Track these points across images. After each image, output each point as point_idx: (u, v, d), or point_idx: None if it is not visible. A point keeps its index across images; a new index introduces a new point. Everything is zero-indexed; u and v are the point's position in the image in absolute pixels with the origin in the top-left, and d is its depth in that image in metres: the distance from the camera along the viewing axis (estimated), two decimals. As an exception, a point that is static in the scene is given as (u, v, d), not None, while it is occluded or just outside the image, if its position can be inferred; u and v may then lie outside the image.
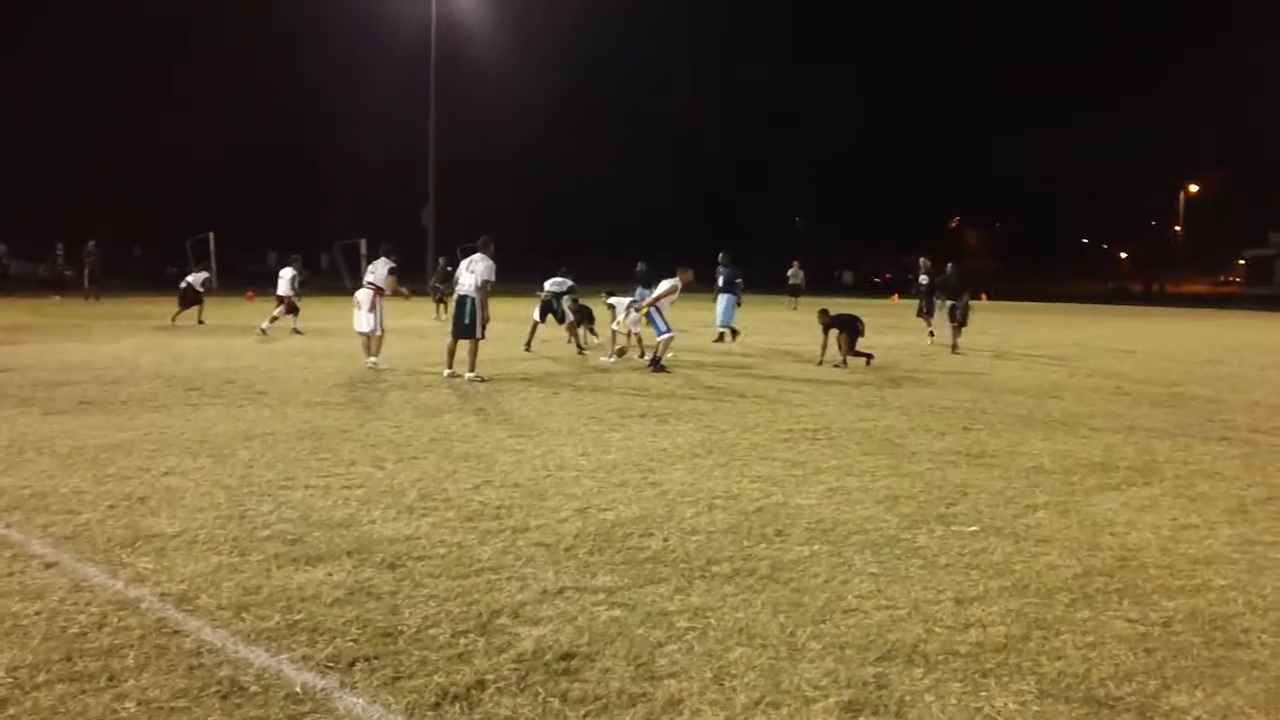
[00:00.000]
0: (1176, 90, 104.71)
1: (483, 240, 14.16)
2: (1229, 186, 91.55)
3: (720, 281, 23.11)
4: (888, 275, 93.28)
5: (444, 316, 25.90)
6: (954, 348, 20.24)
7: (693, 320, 24.83)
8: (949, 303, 20.62)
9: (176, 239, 45.35)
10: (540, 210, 79.67)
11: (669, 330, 15.91)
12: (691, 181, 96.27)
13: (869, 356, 16.86)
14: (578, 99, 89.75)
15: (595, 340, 19.68)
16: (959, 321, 20.48)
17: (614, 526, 6.39)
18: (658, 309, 15.89)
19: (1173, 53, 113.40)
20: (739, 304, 23.22)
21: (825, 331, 17.20)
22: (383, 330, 15.22)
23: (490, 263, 13.92)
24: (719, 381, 14.64)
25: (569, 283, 19.42)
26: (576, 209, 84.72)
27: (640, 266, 23.12)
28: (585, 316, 19.24)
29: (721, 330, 22.53)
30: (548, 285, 19.38)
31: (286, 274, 21.89)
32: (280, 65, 67.72)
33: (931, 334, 23.28)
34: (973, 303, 21.24)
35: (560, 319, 19.31)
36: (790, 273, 41.32)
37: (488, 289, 13.91)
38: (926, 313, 24.18)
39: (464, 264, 14.25)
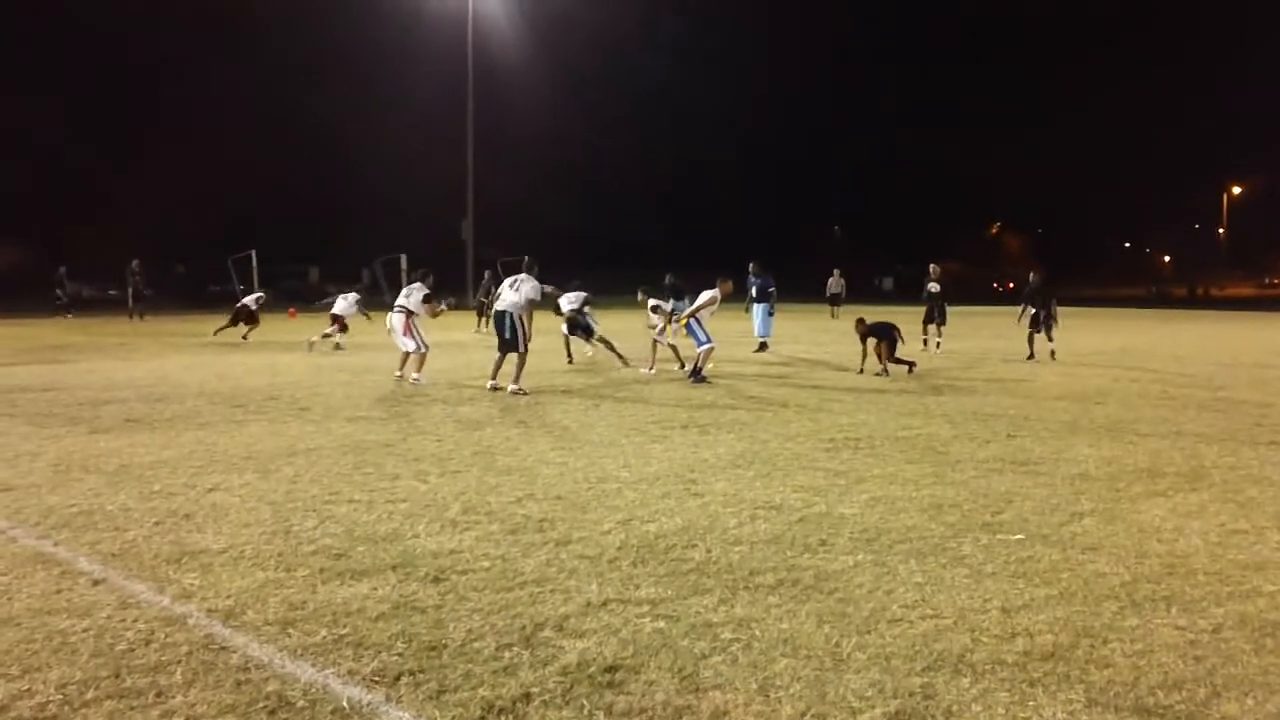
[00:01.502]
0: (1217, 90, 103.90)
1: (527, 261, 14.30)
2: (1273, 186, 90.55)
3: (753, 292, 23.03)
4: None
5: (485, 329, 26.01)
6: (1048, 354, 20.05)
7: (732, 331, 24.74)
8: (1031, 310, 20.35)
9: (219, 257, 45.87)
10: (578, 222, 79.92)
11: (709, 341, 15.87)
12: (728, 190, 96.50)
13: (911, 364, 16.75)
14: (616, 112, 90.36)
15: (588, 351, 19.47)
16: (1046, 328, 20.25)
17: (657, 538, 6.38)
18: (697, 320, 15.86)
19: (1216, 52, 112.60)
20: (771, 313, 23.11)
21: (863, 340, 17.12)
22: (426, 347, 15.34)
23: (536, 283, 14.10)
24: (760, 391, 14.60)
25: (584, 294, 18.94)
26: (615, 220, 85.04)
27: (669, 279, 23.07)
28: (581, 328, 18.74)
29: (762, 340, 22.43)
30: (565, 307, 18.79)
31: (351, 297, 21.95)
32: (321, 84, 68.64)
33: (925, 343, 22.59)
34: (1015, 308, 20.99)
35: (589, 334, 18.91)
36: (830, 282, 41.15)
37: (532, 310, 14.08)
38: (936, 319, 23.06)
39: (508, 281, 14.37)
